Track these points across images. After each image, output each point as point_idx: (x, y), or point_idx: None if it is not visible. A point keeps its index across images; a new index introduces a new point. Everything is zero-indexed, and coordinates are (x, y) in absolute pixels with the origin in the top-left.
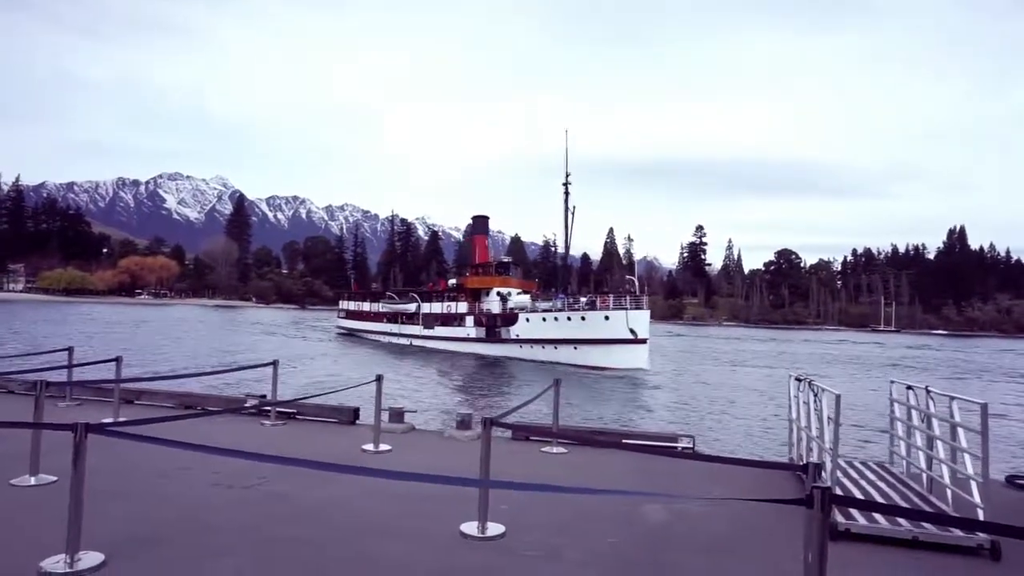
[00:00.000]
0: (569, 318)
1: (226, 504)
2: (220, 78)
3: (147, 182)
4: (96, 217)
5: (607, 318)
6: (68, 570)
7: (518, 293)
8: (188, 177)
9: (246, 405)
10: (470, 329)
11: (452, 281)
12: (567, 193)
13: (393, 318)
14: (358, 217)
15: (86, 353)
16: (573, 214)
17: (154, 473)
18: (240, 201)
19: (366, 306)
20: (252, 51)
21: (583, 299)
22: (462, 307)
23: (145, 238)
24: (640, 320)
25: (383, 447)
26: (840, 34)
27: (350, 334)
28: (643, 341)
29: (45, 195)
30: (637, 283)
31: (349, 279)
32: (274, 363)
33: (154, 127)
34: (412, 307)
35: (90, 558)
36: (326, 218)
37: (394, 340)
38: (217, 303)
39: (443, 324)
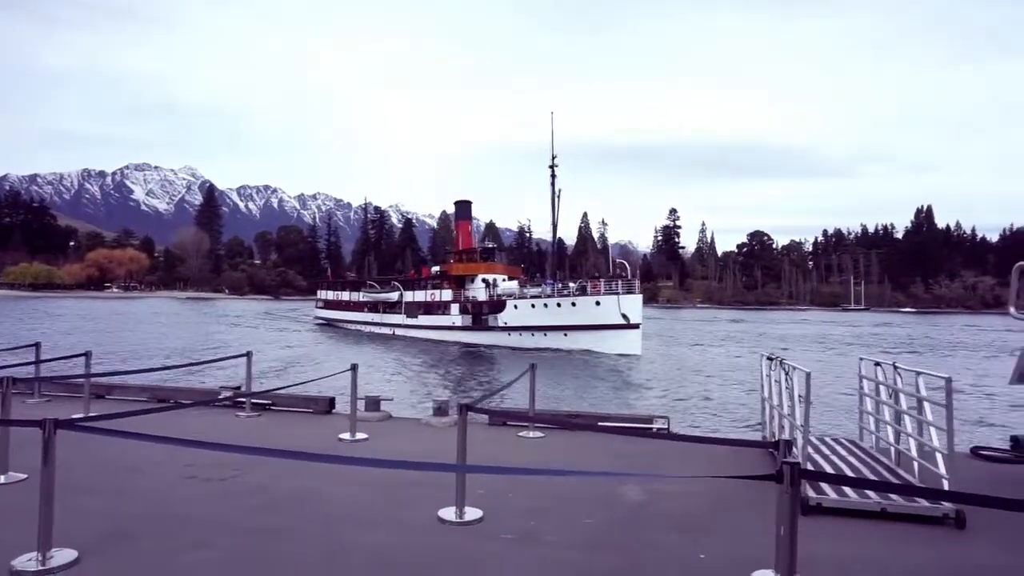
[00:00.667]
0: (559, 304)
1: (201, 497)
2: (188, 66)
3: (114, 173)
4: (61, 210)
5: (598, 303)
6: (40, 568)
7: (504, 280)
8: (156, 168)
9: (220, 397)
10: (455, 317)
11: (435, 269)
12: (553, 176)
13: (374, 307)
14: (331, 206)
15: (54, 349)
16: (559, 197)
17: (126, 468)
18: (210, 191)
19: (345, 295)
20: (221, 38)
21: (573, 284)
22: (446, 295)
23: (113, 230)
24: (632, 305)
25: (360, 436)
26: (812, 19)
27: (329, 324)
28: (636, 326)
29: (7, 188)
30: (628, 267)
31: (323, 269)
32: (248, 354)
33: (120, 117)
34: (394, 296)
35: (62, 555)
36: (298, 207)
37: (375, 330)
38: (189, 295)
39: (426, 312)
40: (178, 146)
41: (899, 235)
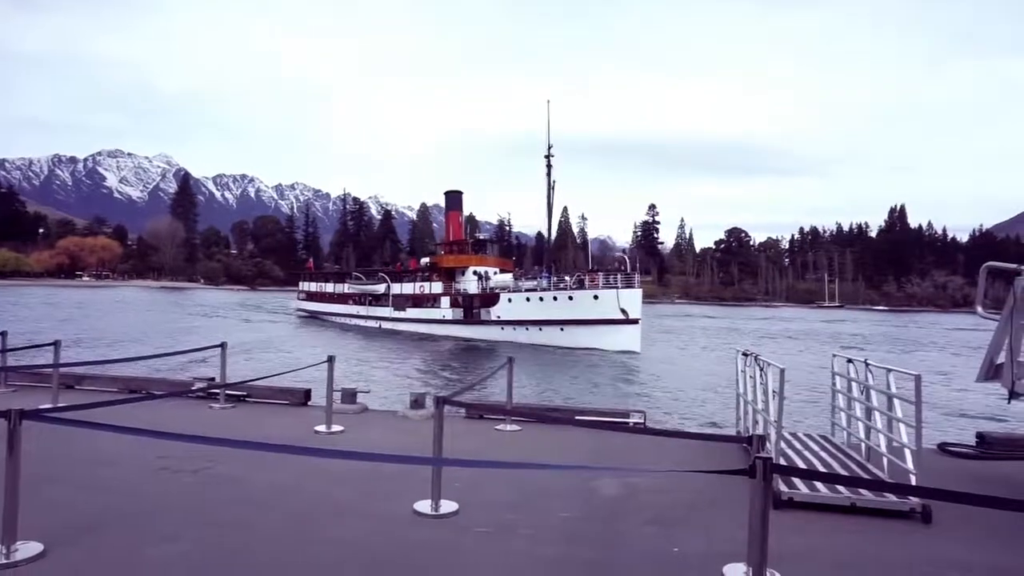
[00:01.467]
0: (555, 298)
1: (172, 489)
2: (165, 52)
3: (85, 159)
4: (31, 196)
5: (596, 297)
6: (4, 561)
7: (495, 272)
8: (130, 154)
9: (193, 388)
10: (446, 311)
11: (425, 260)
12: (549, 167)
13: (359, 300)
14: (309, 196)
15: (21, 338)
16: (553, 188)
17: (96, 460)
18: (185, 179)
19: (329, 287)
20: (199, 24)
21: (569, 277)
22: (436, 287)
23: (84, 218)
24: (632, 299)
25: (336, 428)
26: (790, 16)
27: (312, 317)
28: (635, 321)
29: None
30: (628, 261)
31: (302, 259)
32: (222, 345)
33: (93, 103)
34: (381, 288)
35: (28, 548)
36: (276, 197)
37: (361, 323)
38: (162, 284)
39: (415, 305)
40: (153, 133)
41: (873, 234)
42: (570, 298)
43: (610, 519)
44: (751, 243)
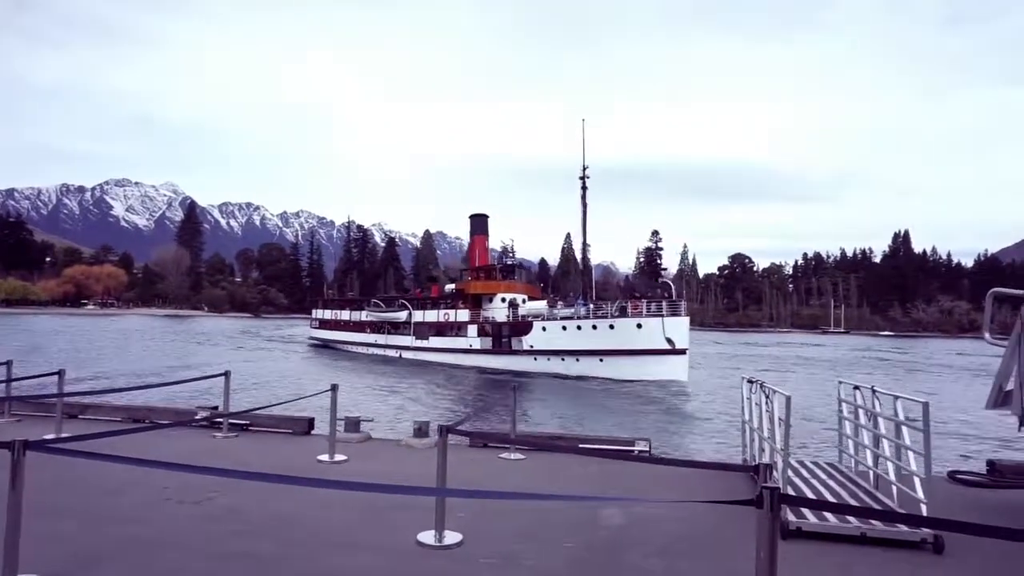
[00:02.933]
0: (594, 327)
1: (175, 520)
2: (170, 83)
3: (93, 188)
4: (39, 225)
5: (640, 326)
6: None
7: (524, 299)
8: (136, 183)
9: (197, 417)
10: (473, 339)
11: (449, 286)
12: (584, 188)
13: (377, 328)
14: (313, 224)
15: (27, 367)
16: (585, 211)
17: (99, 490)
18: (191, 208)
19: (345, 315)
20: (204, 56)
21: (610, 305)
22: (463, 315)
23: (91, 246)
24: (678, 328)
25: (339, 457)
26: (788, 48)
27: (325, 346)
28: (682, 351)
29: None
30: (672, 286)
31: (305, 287)
32: (226, 374)
33: (101, 133)
34: (402, 315)
35: None
36: (281, 225)
37: (380, 352)
38: (167, 312)
39: (438, 334)
40: (159, 162)
41: (877, 259)
42: (611, 327)
43: (615, 550)
44: (755, 269)
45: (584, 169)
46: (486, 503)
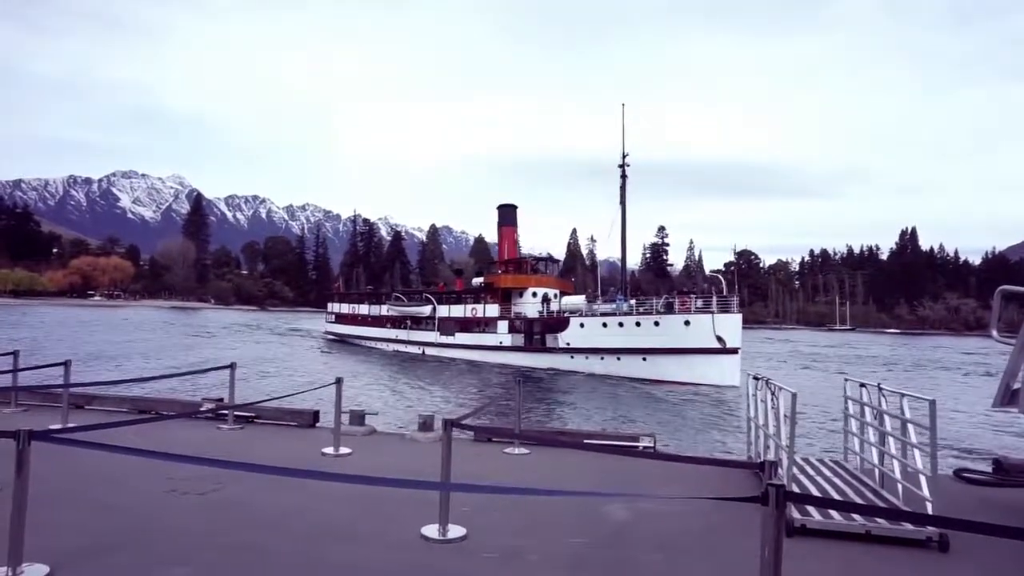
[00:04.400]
0: (638, 323)
1: (180, 511)
2: (179, 76)
3: (100, 180)
4: (46, 216)
5: (687, 323)
6: None
7: (555, 294)
8: (143, 175)
9: (202, 409)
10: (503, 336)
11: (477, 280)
12: (624, 176)
13: (399, 323)
14: (319, 217)
15: (34, 357)
16: (624, 201)
17: (104, 480)
18: (198, 200)
19: (364, 309)
20: (212, 48)
21: (656, 299)
22: (491, 310)
23: (98, 238)
24: (730, 326)
25: (343, 450)
26: (791, 46)
27: (342, 341)
28: (734, 351)
29: None
30: (723, 281)
31: (310, 280)
32: (231, 365)
33: (108, 125)
34: (426, 310)
35: (33, 571)
36: (287, 218)
37: (401, 348)
38: (173, 304)
39: (463, 330)
40: (166, 154)
41: (884, 256)
42: (656, 324)
43: (619, 545)
44: (761, 265)
45: (624, 156)
46: (490, 497)
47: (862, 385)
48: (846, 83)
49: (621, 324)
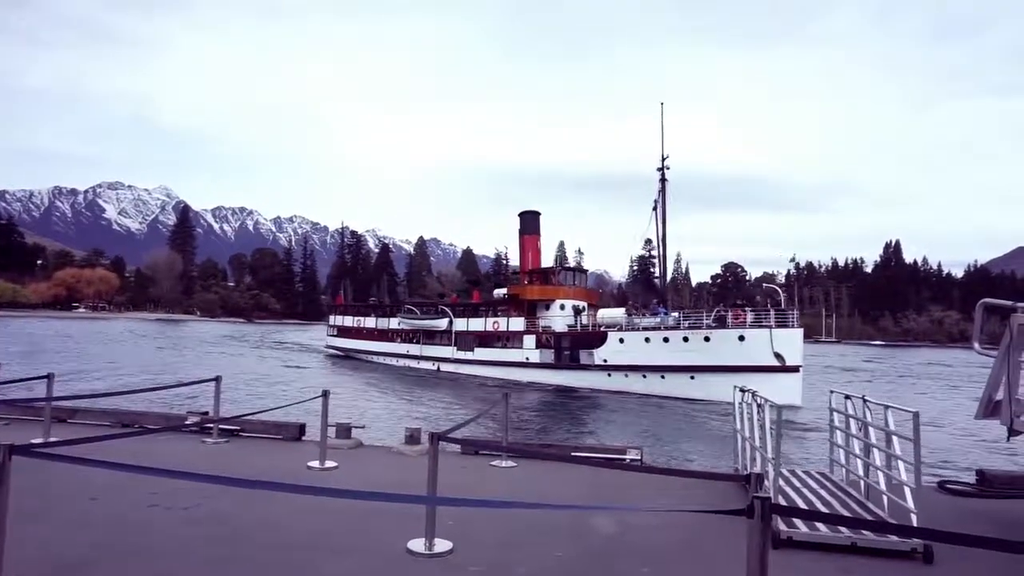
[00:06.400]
0: (686, 339)
1: (164, 526)
2: (167, 87)
3: (86, 191)
4: (30, 227)
5: (742, 338)
6: None
7: (583, 306)
8: (130, 187)
9: (187, 423)
10: (530, 352)
11: (500, 291)
12: (663, 179)
13: (410, 337)
14: (307, 229)
15: (15, 370)
16: (655, 209)
17: (86, 495)
18: (184, 212)
19: (370, 321)
20: (201, 61)
21: (705, 313)
22: (517, 323)
23: (83, 249)
24: (790, 342)
25: (329, 464)
26: (776, 61)
27: (346, 356)
28: (795, 369)
29: None
30: (781, 292)
31: (297, 292)
32: (216, 379)
33: (95, 136)
34: (443, 323)
35: None
36: (274, 230)
37: (413, 364)
38: (158, 316)
39: (483, 344)
40: (153, 166)
41: (868, 269)
42: (706, 339)
43: (605, 558)
44: (747, 277)
45: (663, 159)
46: (477, 511)
47: (847, 397)
48: (831, 96)
49: (666, 340)
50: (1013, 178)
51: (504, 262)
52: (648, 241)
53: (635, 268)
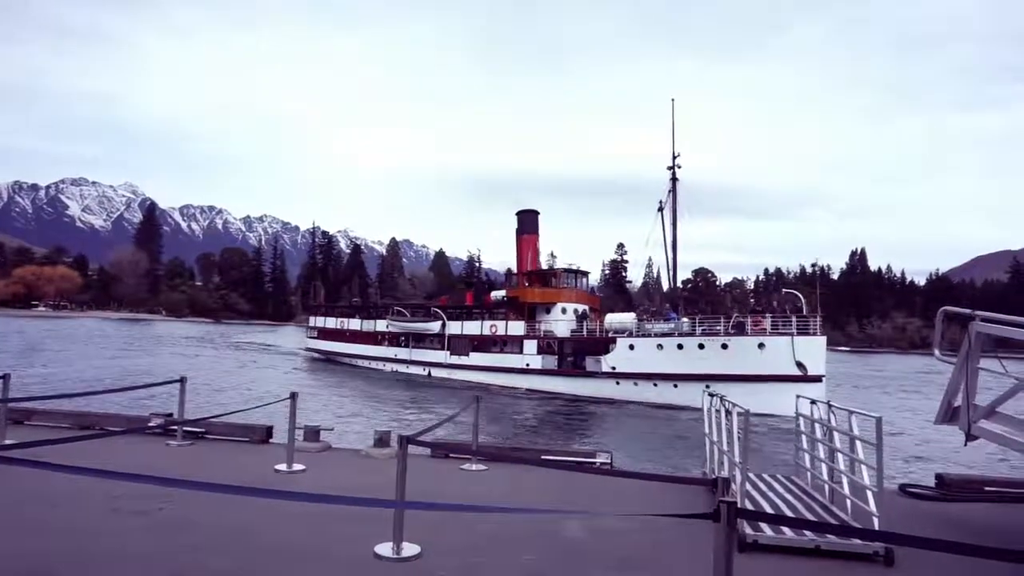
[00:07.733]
0: (701, 346)
1: (125, 532)
2: (133, 83)
3: (48, 187)
4: None
5: (762, 346)
6: None
7: (584, 310)
8: (94, 183)
9: (150, 424)
10: (530, 357)
11: (499, 293)
12: (674, 178)
13: (397, 340)
14: (277, 229)
15: None
16: (661, 210)
17: (44, 501)
18: (151, 209)
19: (355, 323)
20: (171, 60)
21: (725, 319)
22: (516, 327)
23: (45, 246)
24: (812, 350)
25: (297, 467)
26: (741, 65)
27: (328, 359)
28: (818, 379)
29: None
30: (802, 298)
31: (267, 293)
32: (181, 380)
33: (58, 131)
34: (435, 326)
35: None
36: (244, 229)
37: (402, 369)
38: (122, 316)
39: (478, 349)
40: (119, 163)
41: (835, 276)
42: (724, 346)
43: (574, 562)
44: (717, 283)
45: (674, 158)
46: (446, 515)
47: (812, 402)
48: (789, 108)
49: (680, 346)
50: (972, 191)
51: (477, 264)
52: (621, 245)
53: (607, 273)
